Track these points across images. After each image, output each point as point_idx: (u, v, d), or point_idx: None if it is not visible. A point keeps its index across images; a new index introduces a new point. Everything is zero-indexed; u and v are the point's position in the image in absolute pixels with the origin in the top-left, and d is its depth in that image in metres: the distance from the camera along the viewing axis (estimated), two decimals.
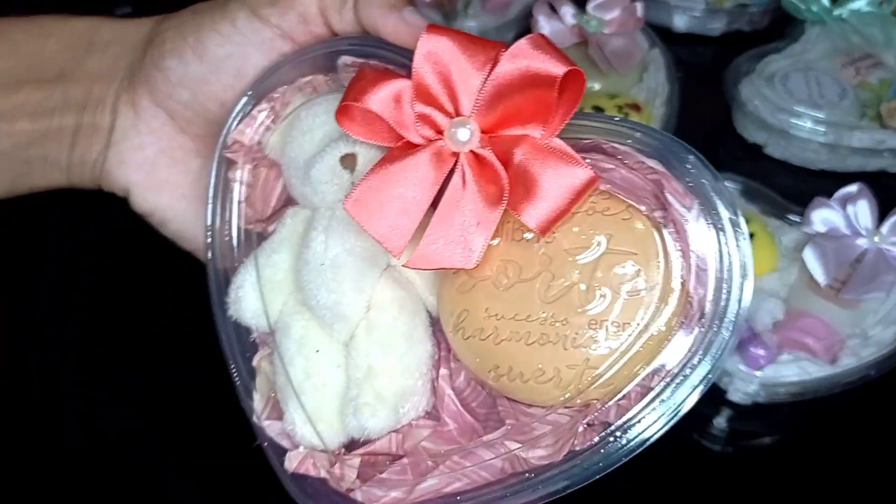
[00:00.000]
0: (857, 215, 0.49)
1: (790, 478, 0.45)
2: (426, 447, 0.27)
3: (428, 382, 0.28)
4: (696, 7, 0.71)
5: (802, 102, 0.60)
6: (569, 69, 0.24)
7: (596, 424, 0.25)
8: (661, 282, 0.24)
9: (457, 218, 0.25)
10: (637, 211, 0.25)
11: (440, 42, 0.25)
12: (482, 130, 0.25)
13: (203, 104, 0.31)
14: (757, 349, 0.45)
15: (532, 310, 0.25)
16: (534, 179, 0.24)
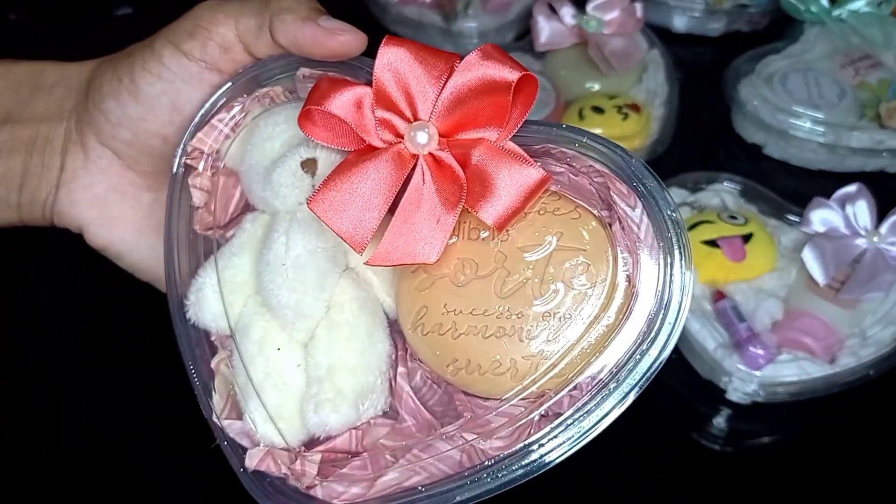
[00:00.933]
0: (856, 215, 0.49)
1: (789, 477, 0.45)
2: (385, 444, 0.28)
3: (386, 381, 0.29)
4: (695, 8, 0.72)
5: (801, 103, 0.60)
6: (522, 74, 0.25)
7: (550, 415, 0.26)
8: (610, 276, 0.26)
9: (417, 216, 0.26)
10: (585, 210, 0.27)
11: (399, 53, 0.26)
12: (440, 134, 0.26)
13: (145, 141, 0.32)
14: (756, 349, 0.45)
15: (489, 304, 0.27)
16: (490, 179, 0.26)
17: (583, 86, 0.62)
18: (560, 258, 0.27)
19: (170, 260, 0.31)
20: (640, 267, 0.26)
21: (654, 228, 0.26)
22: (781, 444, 0.47)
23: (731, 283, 0.50)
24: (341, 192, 0.26)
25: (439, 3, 0.67)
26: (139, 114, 0.31)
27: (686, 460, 0.46)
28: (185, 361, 0.30)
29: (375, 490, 0.27)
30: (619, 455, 0.46)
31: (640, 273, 0.26)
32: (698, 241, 0.50)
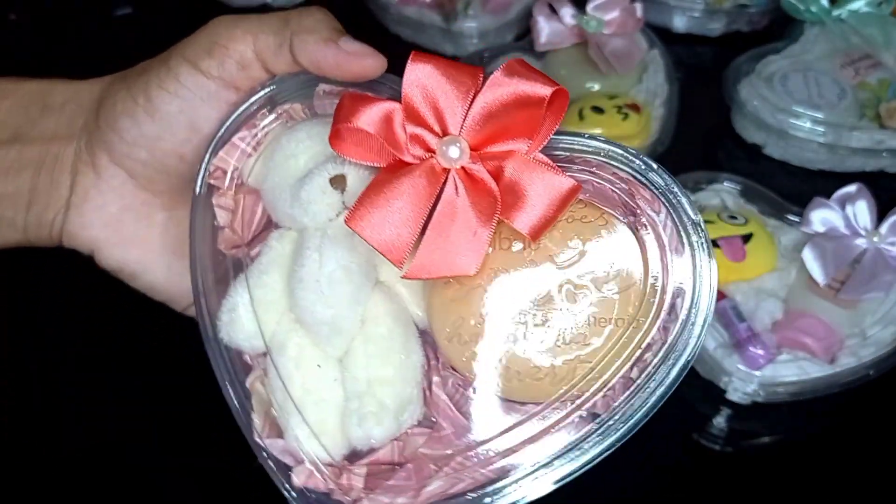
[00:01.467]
0: (856, 215, 0.49)
1: (789, 477, 0.45)
2: (425, 453, 0.28)
3: (421, 391, 0.29)
4: (695, 8, 0.72)
5: (801, 103, 0.60)
6: (556, 89, 0.26)
7: (587, 416, 0.27)
8: (640, 280, 0.27)
9: (453, 230, 0.27)
10: (612, 216, 0.28)
11: (426, 69, 0.27)
12: (471, 147, 0.27)
13: (161, 161, 0.32)
14: (756, 349, 0.45)
15: (524, 312, 0.28)
16: (523, 190, 0.26)
17: (583, 86, 0.62)
18: (590, 264, 0.27)
19: (196, 280, 0.31)
20: (668, 271, 0.27)
21: (680, 232, 0.27)
22: (781, 444, 0.47)
23: (731, 283, 0.50)
24: (378, 208, 0.26)
25: (439, 3, 0.67)
26: (156, 133, 0.31)
27: (686, 460, 0.46)
28: (220, 382, 0.30)
29: (421, 500, 0.27)
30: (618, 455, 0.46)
31: (668, 276, 0.27)
32: None
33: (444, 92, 0.27)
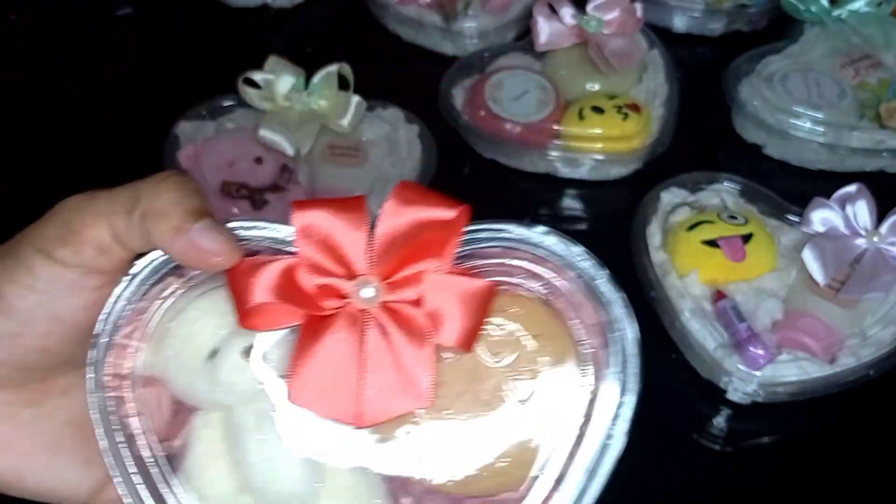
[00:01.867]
0: (856, 215, 0.49)
1: (789, 477, 0.45)
2: None
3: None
4: (695, 8, 0.72)
5: (801, 103, 0.60)
6: (459, 210, 0.26)
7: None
8: (573, 355, 0.27)
9: (389, 367, 0.26)
10: (526, 298, 0.28)
11: (311, 215, 0.26)
12: (382, 278, 0.26)
13: (21, 358, 0.28)
14: (756, 349, 0.45)
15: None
16: (443, 307, 0.26)
17: (583, 86, 0.62)
18: (525, 355, 0.27)
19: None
20: (599, 338, 0.27)
21: (593, 299, 0.27)
22: (781, 444, 0.47)
23: (730, 283, 0.50)
24: (313, 376, 0.25)
25: (439, 2, 0.67)
26: (12, 330, 0.27)
27: (686, 460, 0.46)
28: None
29: None
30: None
31: (598, 344, 0.27)
32: (698, 240, 0.50)
33: (339, 232, 0.26)
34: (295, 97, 0.57)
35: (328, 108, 0.57)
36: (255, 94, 0.57)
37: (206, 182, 0.54)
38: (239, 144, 0.56)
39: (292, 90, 0.57)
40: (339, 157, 0.56)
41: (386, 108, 0.60)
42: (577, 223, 0.60)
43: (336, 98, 0.57)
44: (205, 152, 0.56)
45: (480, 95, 0.60)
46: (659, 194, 0.54)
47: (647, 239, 0.51)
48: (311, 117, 0.57)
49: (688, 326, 0.47)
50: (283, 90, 0.57)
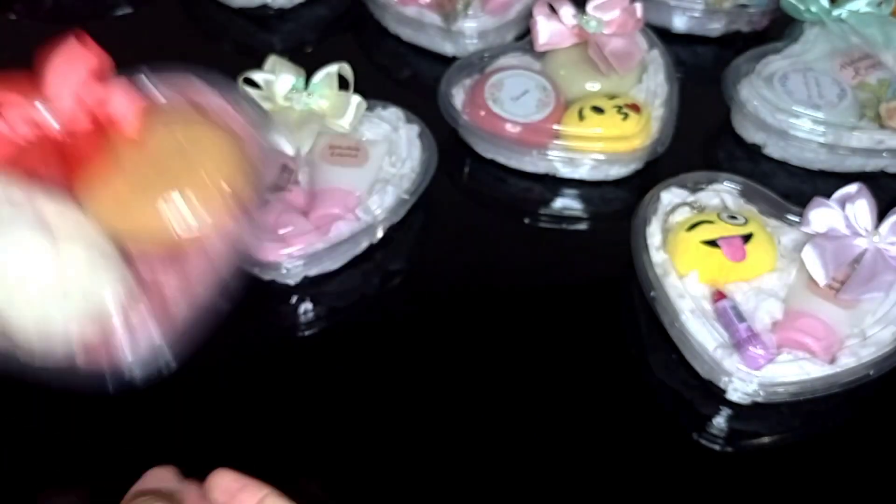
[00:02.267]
0: (856, 215, 0.49)
1: (789, 477, 0.45)
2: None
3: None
4: (695, 8, 0.72)
5: (801, 103, 0.60)
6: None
7: None
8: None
9: None
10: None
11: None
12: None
13: None
14: (756, 349, 0.45)
15: None
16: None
17: (583, 86, 0.62)
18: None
19: None
20: None
21: None
22: (781, 444, 0.47)
23: (730, 283, 0.50)
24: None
25: (439, 3, 0.67)
26: None
27: (686, 460, 0.46)
28: None
29: None
30: (617, 455, 0.46)
31: None
32: (698, 241, 0.50)
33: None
34: (295, 97, 0.57)
35: (328, 108, 0.57)
36: (254, 94, 0.58)
37: None
38: None
39: (292, 90, 0.57)
40: (339, 157, 0.56)
41: (386, 108, 0.60)
42: (577, 223, 0.60)
43: (336, 98, 0.57)
44: None
45: (480, 95, 0.60)
46: (659, 194, 0.54)
47: (647, 239, 0.52)
48: (311, 117, 0.57)
49: (688, 326, 0.47)
50: (283, 90, 0.57)
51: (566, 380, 0.49)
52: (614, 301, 0.54)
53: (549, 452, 0.45)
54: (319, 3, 0.76)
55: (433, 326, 0.52)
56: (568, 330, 0.52)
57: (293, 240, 0.51)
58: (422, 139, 0.58)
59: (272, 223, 0.51)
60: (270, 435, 0.45)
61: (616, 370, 0.50)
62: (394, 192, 0.55)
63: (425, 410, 0.48)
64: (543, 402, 0.48)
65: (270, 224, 0.51)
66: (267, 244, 0.50)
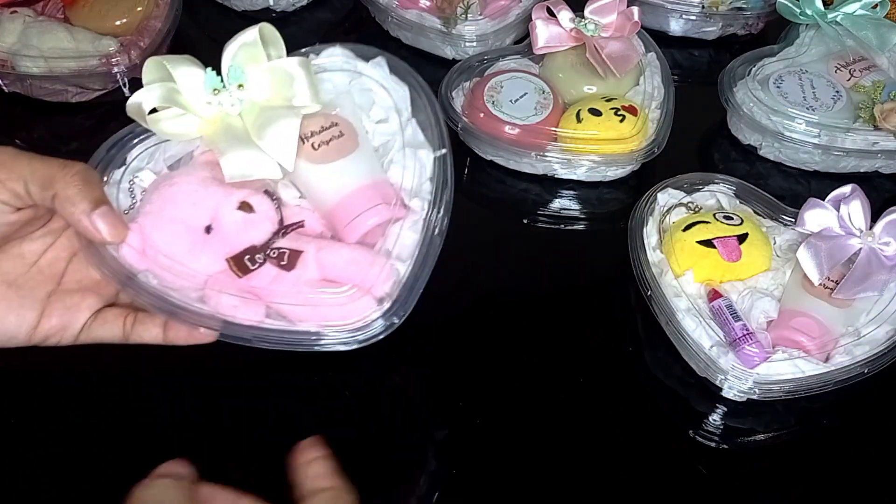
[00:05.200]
0: (851, 216, 0.50)
1: (784, 474, 0.45)
2: None
3: None
4: (691, 11, 0.72)
5: (796, 105, 0.61)
6: None
7: None
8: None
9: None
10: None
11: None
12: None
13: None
14: (751, 347, 0.45)
15: None
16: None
17: (580, 88, 0.63)
18: None
19: None
20: None
21: None
22: (776, 442, 0.48)
23: (726, 283, 0.50)
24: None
25: (439, 6, 0.68)
26: None
27: (682, 457, 0.46)
28: None
29: None
30: (615, 453, 0.46)
31: None
32: (694, 241, 0.50)
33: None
34: (223, 99, 0.40)
35: (277, 91, 0.41)
36: (166, 121, 0.40)
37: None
38: (201, 199, 0.40)
39: (212, 91, 0.40)
40: (326, 147, 0.41)
41: (320, 52, 0.45)
42: (574, 223, 0.60)
43: (277, 74, 0.41)
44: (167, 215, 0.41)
45: (480, 98, 0.60)
46: (655, 195, 0.55)
47: (644, 239, 0.52)
48: (267, 115, 0.40)
49: (683, 325, 0.48)
50: (199, 96, 0.40)
51: (563, 378, 0.49)
52: (611, 300, 0.54)
53: (545, 449, 0.46)
54: (321, 6, 0.76)
55: (432, 326, 0.52)
56: (565, 328, 0.52)
57: (377, 288, 0.39)
58: (398, 75, 0.45)
59: (304, 289, 0.39)
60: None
61: (613, 368, 0.50)
62: (413, 152, 0.41)
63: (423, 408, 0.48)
64: (540, 400, 0.48)
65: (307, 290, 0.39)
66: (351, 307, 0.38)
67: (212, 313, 0.38)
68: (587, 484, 0.45)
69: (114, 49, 0.62)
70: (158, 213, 0.39)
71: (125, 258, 0.38)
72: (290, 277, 0.39)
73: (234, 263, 0.39)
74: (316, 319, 0.38)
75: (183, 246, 0.39)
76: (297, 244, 0.40)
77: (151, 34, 0.64)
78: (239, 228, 0.39)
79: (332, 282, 0.39)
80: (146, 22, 0.65)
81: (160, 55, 0.40)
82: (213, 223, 0.39)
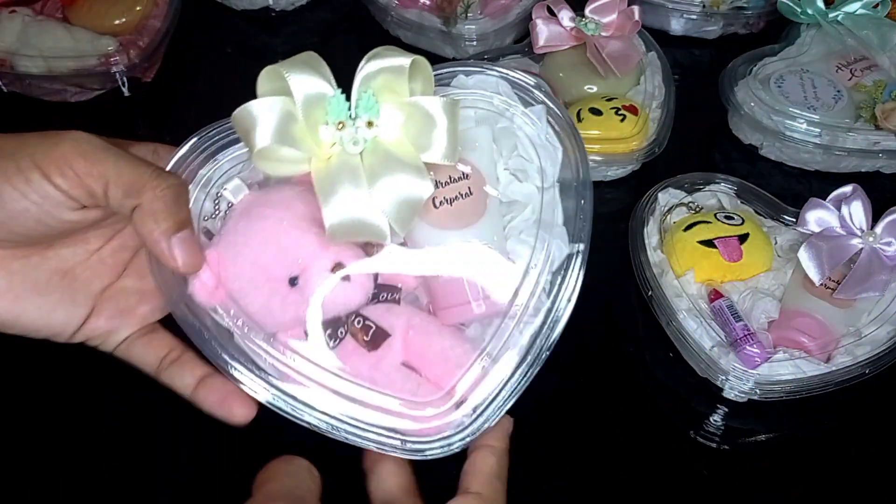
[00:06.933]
0: (852, 216, 0.49)
1: (785, 475, 0.45)
2: None
3: None
4: (692, 10, 0.72)
5: (797, 104, 0.61)
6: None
7: None
8: None
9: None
10: None
11: None
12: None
13: (6, 238, 0.32)
14: (752, 348, 0.45)
15: None
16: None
17: (581, 88, 0.62)
18: None
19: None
20: None
21: None
22: (777, 442, 0.48)
23: (727, 283, 0.50)
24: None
25: (439, 6, 0.68)
26: (2, 218, 0.31)
27: (683, 458, 0.46)
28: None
29: None
30: (616, 453, 0.46)
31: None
32: (695, 241, 0.50)
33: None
34: (347, 135, 0.32)
35: (408, 135, 0.32)
36: (273, 158, 0.32)
37: None
38: (293, 244, 0.33)
39: (335, 123, 0.31)
40: (447, 207, 0.34)
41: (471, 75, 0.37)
42: None
43: (414, 111, 0.32)
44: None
45: None
46: (656, 195, 0.55)
47: (645, 239, 0.52)
48: (389, 162, 0.31)
49: (684, 325, 0.48)
50: (316, 119, 0.31)
51: (564, 378, 0.49)
52: (612, 300, 0.54)
53: (546, 449, 0.46)
54: (321, 6, 0.76)
55: None
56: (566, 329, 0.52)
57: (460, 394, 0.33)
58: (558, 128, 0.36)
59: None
60: None
61: (613, 369, 0.50)
62: (546, 235, 0.34)
63: None
64: (541, 401, 0.48)
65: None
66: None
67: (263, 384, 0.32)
68: (588, 484, 0.45)
69: (113, 48, 0.62)
70: (239, 250, 0.33)
71: (194, 293, 0.33)
72: (369, 358, 0.33)
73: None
74: (386, 419, 0.33)
75: (259, 298, 0.33)
76: (388, 318, 0.34)
77: (150, 33, 0.64)
78: (328, 296, 0.32)
79: (414, 369, 0.33)
80: (145, 21, 0.65)
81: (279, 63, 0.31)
82: (301, 278, 0.32)
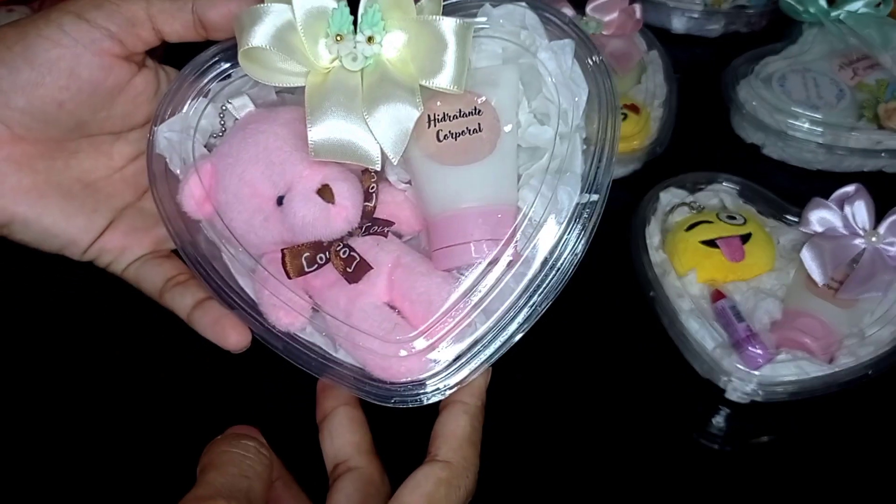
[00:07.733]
0: (855, 215, 0.49)
1: (788, 476, 0.45)
2: None
3: None
4: (694, 9, 0.72)
5: (800, 103, 0.61)
6: None
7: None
8: None
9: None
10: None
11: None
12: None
13: (40, 108, 0.31)
14: (755, 349, 0.45)
15: None
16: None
17: None
18: None
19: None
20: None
21: None
22: (780, 444, 0.47)
23: (729, 283, 0.50)
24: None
25: None
26: (34, 79, 0.31)
27: (685, 459, 0.46)
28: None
29: None
30: (617, 454, 0.46)
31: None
32: (697, 240, 0.50)
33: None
34: (344, 48, 0.30)
35: (410, 56, 0.30)
36: (266, 65, 0.31)
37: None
38: (284, 160, 0.31)
39: (334, 35, 0.30)
40: (452, 141, 0.31)
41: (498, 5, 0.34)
42: None
43: (421, 29, 0.30)
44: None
45: None
46: (658, 194, 0.54)
47: (647, 239, 0.52)
48: (386, 81, 0.30)
49: (687, 326, 0.47)
50: (316, 32, 0.30)
51: (565, 378, 0.49)
52: (613, 301, 0.54)
53: (546, 450, 0.46)
54: None
55: None
56: (567, 329, 0.52)
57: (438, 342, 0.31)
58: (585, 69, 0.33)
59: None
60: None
61: (614, 369, 0.50)
62: (557, 181, 0.31)
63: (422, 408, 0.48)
64: (543, 401, 0.48)
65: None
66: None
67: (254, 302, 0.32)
68: (589, 485, 0.45)
69: None
70: (230, 163, 0.31)
71: (182, 202, 0.32)
72: (349, 291, 0.31)
73: (289, 260, 0.31)
74: (355, 355, 0.32)
75: (243, 213, 0.31)
76: (375, 252, 0.32)
77: None
78: (307, 218, 0.30)
79: (395, 308, 0.32)
80: None
81: None
82: (286, 197, 0.31)
